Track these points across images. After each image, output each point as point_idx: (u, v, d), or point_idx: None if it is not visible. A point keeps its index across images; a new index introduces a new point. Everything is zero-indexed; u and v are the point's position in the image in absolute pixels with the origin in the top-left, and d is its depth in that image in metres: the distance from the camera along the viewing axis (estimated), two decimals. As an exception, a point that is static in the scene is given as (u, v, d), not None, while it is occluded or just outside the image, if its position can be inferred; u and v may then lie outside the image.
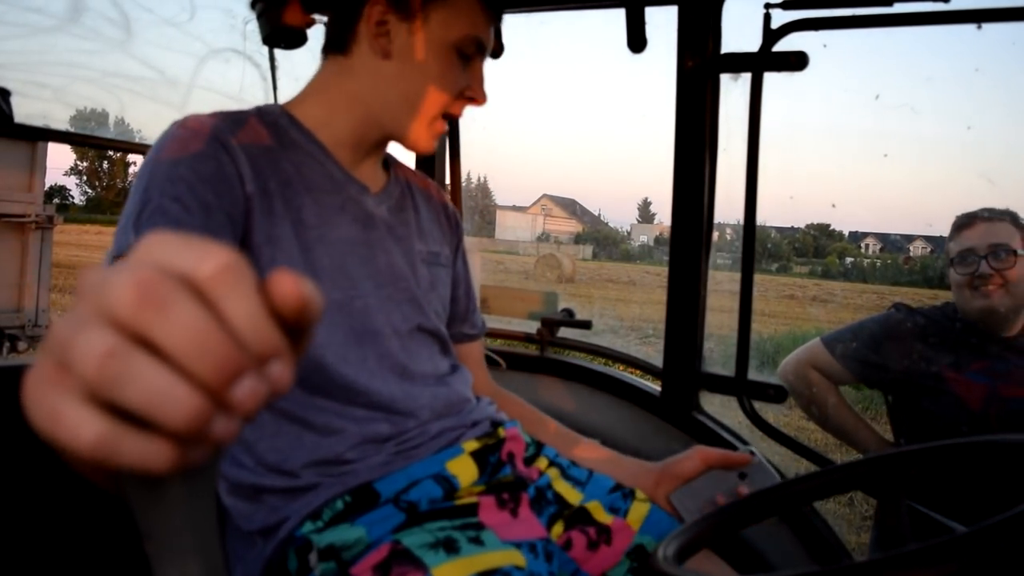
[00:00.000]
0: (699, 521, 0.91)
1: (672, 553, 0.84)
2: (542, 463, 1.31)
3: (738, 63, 1.68)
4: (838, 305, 23.26)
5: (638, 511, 1.28)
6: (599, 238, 70.57)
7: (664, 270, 1.84)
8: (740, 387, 1.73)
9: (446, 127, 1.22)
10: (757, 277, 1.75)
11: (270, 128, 1.15)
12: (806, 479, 0.96)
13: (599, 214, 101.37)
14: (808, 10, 1.61)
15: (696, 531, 0.88)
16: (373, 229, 1.22)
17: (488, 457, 1.21)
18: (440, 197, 1.46)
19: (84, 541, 1.38)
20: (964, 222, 2.14)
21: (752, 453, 1.34)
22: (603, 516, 1.27)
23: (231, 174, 1.05)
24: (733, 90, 1.71)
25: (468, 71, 1.19)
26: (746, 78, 1.69)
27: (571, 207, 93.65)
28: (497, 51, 1.29)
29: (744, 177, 1.70)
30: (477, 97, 1.21)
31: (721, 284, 1.93)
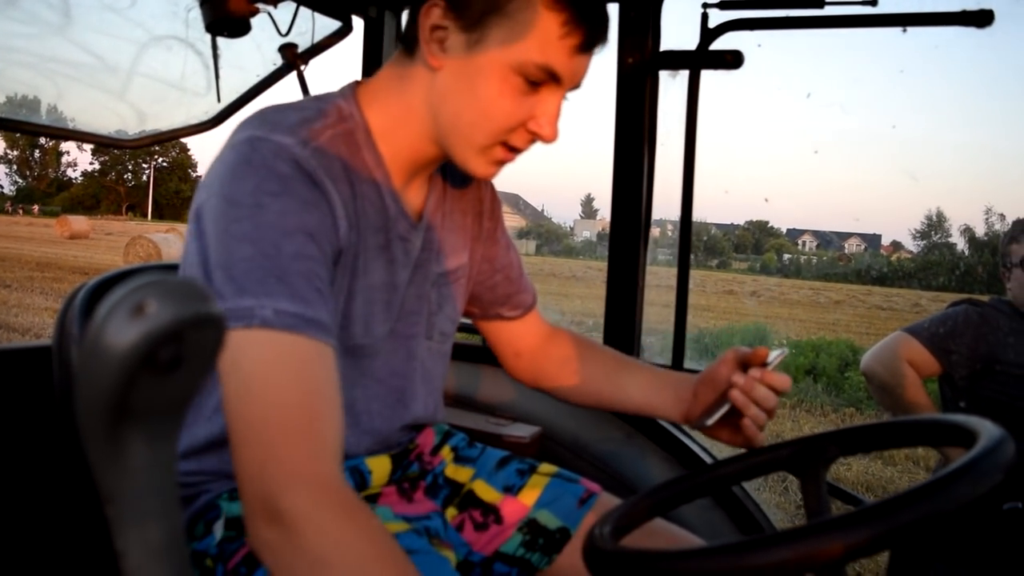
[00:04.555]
0: (630, 502, 0.95)
1: (608, 532, 0.87)
2: (444, 450, 1.32)
3: (676, 60, 1.73)
4: (774, 300, 23.86)
5: (535, 486, 1.29)
6: (542, 233, 70.97)
7: (606, 265, 1.88)
8: (676, 376, 1.78)
9: (511, 156, 1.05)
10: (698, 273, 1.81)
11: (348, 145, 1.04)
12: (732, 461, 1.01)
13: (542, 209, 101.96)
14: (744, 10, 1.66)
15: (626, 510, 0.92)
16: (404, 267, 1.13)
17: (403, 460, 1.22)
18: (477, 184, 1.29)
19: (58, 533, 1.37)
20: None
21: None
22: (491, 495, 1.28)
23: (331, 226, 0.98)
24: (671, 87, 1.76)
25: (536, 100, 1.00)
26: (684, 75, 1.74)
27: (514, 202, 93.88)
28: (571, 82, 1.03)
29: (681, 173, 1.76)
30: (542, 133, 1.01)
31: (664, 280, 1.97)
